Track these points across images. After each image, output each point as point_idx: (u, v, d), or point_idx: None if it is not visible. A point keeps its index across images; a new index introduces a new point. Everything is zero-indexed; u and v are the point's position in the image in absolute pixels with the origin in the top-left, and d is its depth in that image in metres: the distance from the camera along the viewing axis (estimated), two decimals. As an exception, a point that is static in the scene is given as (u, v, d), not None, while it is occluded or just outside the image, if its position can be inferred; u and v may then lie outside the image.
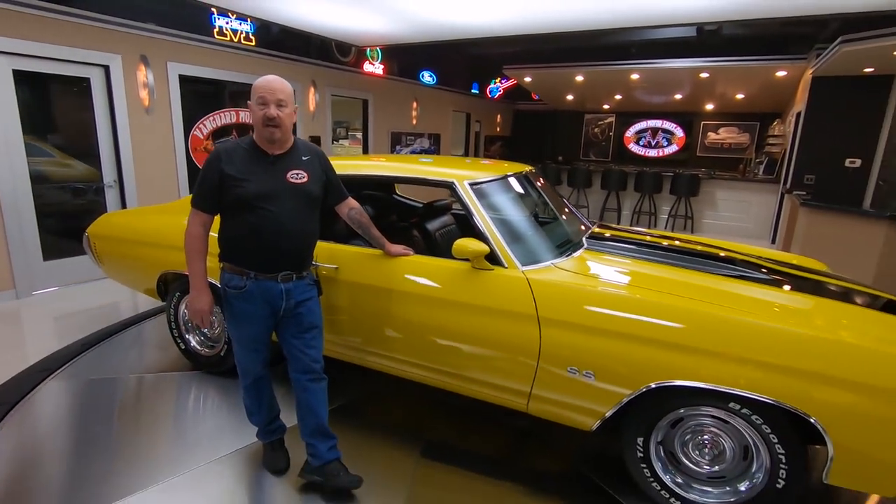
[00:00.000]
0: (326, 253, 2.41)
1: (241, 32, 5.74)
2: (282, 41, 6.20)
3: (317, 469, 2.06)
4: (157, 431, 2.49)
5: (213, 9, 5.38)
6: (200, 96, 5.51)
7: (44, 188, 4.39)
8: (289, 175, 1.95)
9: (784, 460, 1.76)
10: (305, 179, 1.98)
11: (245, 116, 5.93)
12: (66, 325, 3.85)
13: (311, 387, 2.05)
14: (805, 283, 2.34)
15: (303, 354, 2.03)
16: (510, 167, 2.78)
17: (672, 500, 1.95)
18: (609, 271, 2.22)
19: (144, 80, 4.86)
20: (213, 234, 2.00)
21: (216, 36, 5.47)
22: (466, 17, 5.12)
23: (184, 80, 5.22)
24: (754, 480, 1.86)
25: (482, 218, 2.21)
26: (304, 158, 2.02)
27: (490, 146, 12.15)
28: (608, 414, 1.96)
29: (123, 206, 4.91)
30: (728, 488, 1.92)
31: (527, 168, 2.85)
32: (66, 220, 4.64)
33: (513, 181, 2.66)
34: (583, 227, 2.83)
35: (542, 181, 2.90)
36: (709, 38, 6.72)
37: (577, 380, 1.96)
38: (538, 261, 2.17)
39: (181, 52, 5.16)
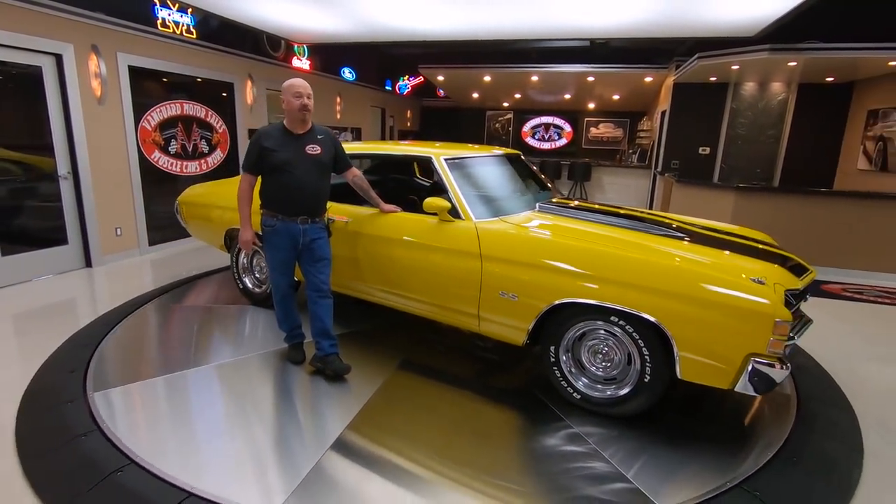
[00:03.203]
0: (343, 211, 3.18)
1: (183, 25, 5.76)
2: (221, 35, 6.28)
3: (320, 359, 2.84)
4: (218, 336, 3.47)
5: None
6: (147, 88, 5.47)
7: (-4, 181, 4.21)
8: (307, 148, 2.70)
9: (649, 360, 2.27)
10: (319, 152, 2.73)
11: (189, 108, 5.96)
12: (30, 322, 3.76)
13: (319, 301, 2.82)
14: (705, 238, 2.72)
15: (315, 278, 2.80)
16: (497, 150, 3.56)
17: (574, 394, 2.52)
18: (541, 225, 2.76)
19: (96, 70, 4.79)
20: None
21: (160, 28, 5.47)
22: (413, 22, 5.79)
23: (132, 71, 5.18)
24: (631, 380, 2.39)
25: (449, 182, 2.86)
26: (319, 137, 2.76)
27: (402, 140, 12.81)
28: (530, 328, 2.51)
29: (78, 198, 4.79)
30: (614, 386, 2.48)
31: (514, 152, 3.66)
32: (22, 215, 4.45)
33: (486, 159, 3.35)
34: (542, 196, 3.45)
35: (523, 162, 3.70)
36: (598, 49, 8.12)
37: (507, 300, 2.54)
38: (490, 216, 2.78)
39: (130, 43, 5.12)
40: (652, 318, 2.19)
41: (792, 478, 2.08)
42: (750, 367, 2.03)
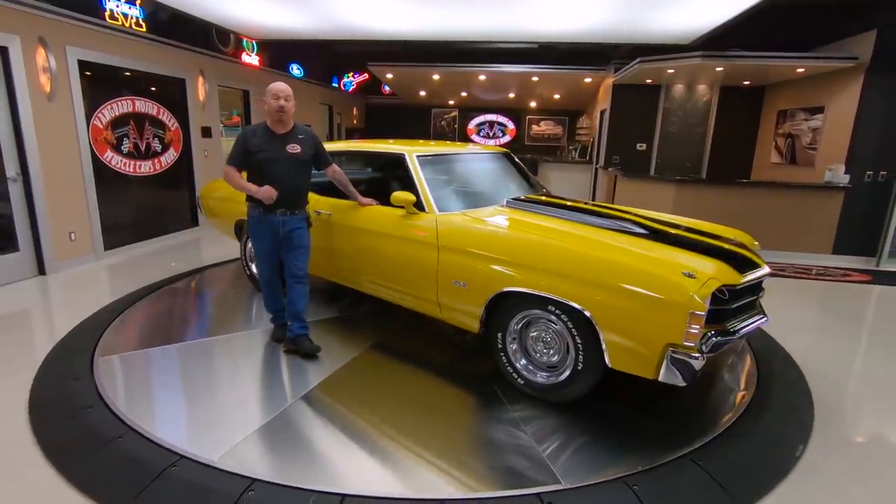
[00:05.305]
0: (327, 204, 3.43)
1: (132, 17, 5.48)
2: (171, 29, 6.02)
3: (292, 340, 3.11)
4: (220, 316, 3.89)
5: (100, -11, 5.09)
6: (98, 84, 5.16)
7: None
8: (287, 147, 2.90)
9: (581, 349, 2.34)
10: (299, 150, 2.93)
11: (141, 106, 5.69)
12: None
13: (295, 286, 3.07)
14: (658, 234, 2.70)
15: (292, 264, 3.05)
16: (480, 148, 3.78)
17: (518, 379, 2.63)
18: (499, 219, 2.84)
19: (45, 65, 4.48)
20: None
21: (108, 20, 5.17)
22: (377, 22, 5.87)
23: (81, 66, 4.88)
24: (568, 368, 2.46)
25: (417, 177, 3.03)
26: (300, 137, 2.97)
27: (349, 138, 12.72)
28: (481, 315, 2.63)
29: (29, 200, 4.47)
30: (549, 373, 2.58)
31: (502, 150, 3.89)
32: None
33: (464, 156, 3.52)
34: (521, 192, 3.55)
35: (511, 159, 3.89)
36: (544, 51, 8.56)
37: (459, 288, 2.68)
38: (454, 210, 2.93)
39: (78, 36, 4.82)
40: (579, 307, 2.26)
41: (764, 417, 2.51)
42: (668, 357, 2.08)
